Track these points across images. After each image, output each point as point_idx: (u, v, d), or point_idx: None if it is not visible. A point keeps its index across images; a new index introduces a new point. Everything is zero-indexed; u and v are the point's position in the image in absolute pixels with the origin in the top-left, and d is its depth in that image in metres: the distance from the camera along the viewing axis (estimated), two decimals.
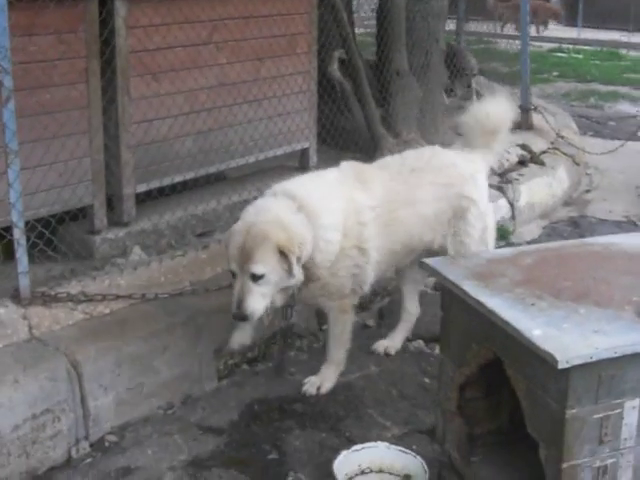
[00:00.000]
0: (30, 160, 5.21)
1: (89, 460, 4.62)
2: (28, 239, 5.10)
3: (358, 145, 8.04)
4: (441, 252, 5.34)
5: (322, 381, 5.19)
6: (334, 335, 5.20)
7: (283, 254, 4.57)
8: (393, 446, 4.48)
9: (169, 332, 5.09)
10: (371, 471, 4.44)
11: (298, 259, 4.63)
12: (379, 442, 4.54)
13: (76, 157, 5.63)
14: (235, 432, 4.84)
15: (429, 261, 4.30)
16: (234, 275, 4.64)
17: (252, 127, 6.76)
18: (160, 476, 4.46)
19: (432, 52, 8.67)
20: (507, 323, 3.52)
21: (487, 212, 5.56)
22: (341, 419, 4.96)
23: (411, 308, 5.84)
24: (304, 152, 7.41)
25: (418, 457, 4.38)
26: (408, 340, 5.87)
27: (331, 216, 4.86)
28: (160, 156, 6.14)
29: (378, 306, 6.39)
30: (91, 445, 4.72)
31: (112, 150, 5.90)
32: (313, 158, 7.41)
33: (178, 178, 6.34)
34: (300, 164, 7.43)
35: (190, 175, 6.39)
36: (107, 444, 4.75)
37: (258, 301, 4.61)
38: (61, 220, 5.61)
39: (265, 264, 4.56)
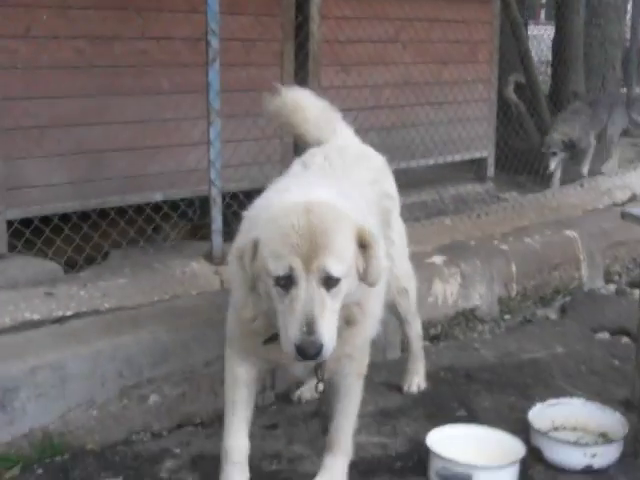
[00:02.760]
0: (224, 133, 5.41)
1: (274, 407, 4.63)
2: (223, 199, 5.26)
3: (533, 167, 7.98)
4: None
5: None
6: (348, 413, 3.71)
7: (361, 247, 3.04)
8: (589, 402, 4.32)
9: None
10: (565, 429, 4.28)
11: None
12: (574, 398, 4.39)
13: (266, 137, 5.83)
14: (422, 392, 4.76)
15: (634, 211, 4.22)
16: (288, 281, 2.93)
17: (433, 129, 6.86)
18: None
19: (608, 78, 8.63)
20: None
21: None
22: (530, 387, 4.82)
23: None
24: (481, 162, 7.42)
25: (617, 413, 4.21)
26: (593, 331, 5.69)
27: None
28: None
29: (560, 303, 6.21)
30: (276, 395, 4.74)
31: None
32: (490, 169, 7.43)
33: None
34: (476, 174, 7.44)
35: None
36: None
37: (334, 324, 2.97)
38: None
39: (345, 259, 2.97)
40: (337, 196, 3.14)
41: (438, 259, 5.60)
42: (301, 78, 6.02)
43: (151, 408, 4.29)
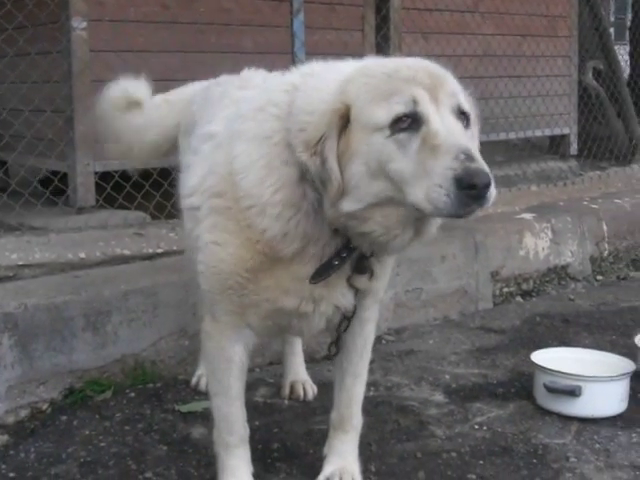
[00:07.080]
0: None
1: None
2: None
3: (612, 153, 7.80)
4: None
5: (353, 471, 2.99)
6: (361, 375, 3.00)
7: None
8: None
9: (447, 242, 4.96)
10: None
11: None
12: None
13: None
14: (518, 333, 4.65)
15: None
16: (413, 121, 2.25)
17: (513, 102, 6.76)
18: (444, 356, 4.31)
19: None
20: None
21: None
22: (631, 327, 4.64)
23: None
24: (563, 139, 7.29)
25: None
26: None
27: None
28: None
29: None
30: None
31: None
32: (573, 145, 7.28)
33: None
34: (558, 151, 7.30)
35: None
36: (384, 342, 4.63)
37: None
38: None
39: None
40: None
41: (528, 215, 5.48)
42: (379, 44, 5.99)
43: None
